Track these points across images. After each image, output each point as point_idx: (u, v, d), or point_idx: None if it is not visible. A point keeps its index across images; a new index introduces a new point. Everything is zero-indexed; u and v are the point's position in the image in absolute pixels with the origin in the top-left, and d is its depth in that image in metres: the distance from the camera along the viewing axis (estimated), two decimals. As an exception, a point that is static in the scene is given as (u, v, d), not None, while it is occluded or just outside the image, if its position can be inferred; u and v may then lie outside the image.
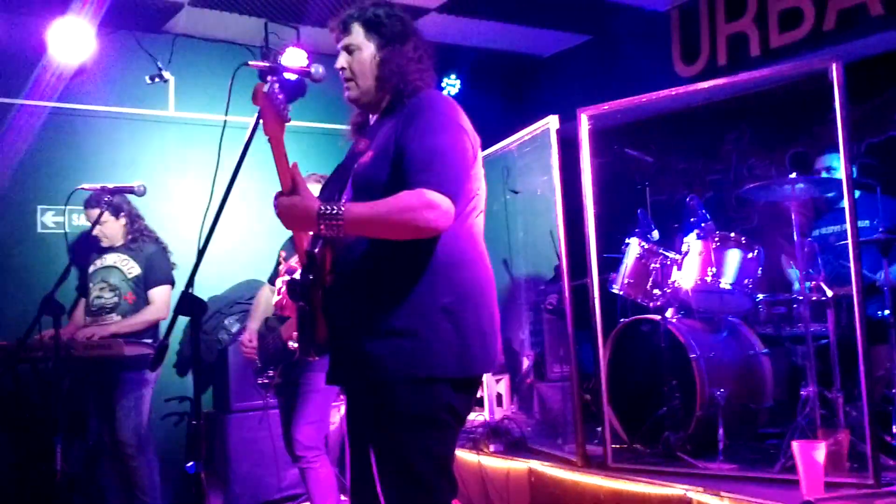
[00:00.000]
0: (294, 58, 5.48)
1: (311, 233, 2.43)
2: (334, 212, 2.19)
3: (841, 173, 3.63)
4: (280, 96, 2.26)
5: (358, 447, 2.52)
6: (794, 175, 3.95)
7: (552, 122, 4.51)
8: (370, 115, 2.59)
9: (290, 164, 2.28)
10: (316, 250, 2.38)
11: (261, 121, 2.27)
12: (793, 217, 3.95)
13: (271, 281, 4.38)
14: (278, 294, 4.20)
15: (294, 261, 4.01)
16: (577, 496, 4.21)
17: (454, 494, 2.39)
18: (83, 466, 5.00)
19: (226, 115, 2.36)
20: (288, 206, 2.25)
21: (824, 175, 4.59)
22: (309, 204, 2.22)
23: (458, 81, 6.55)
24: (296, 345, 3.93)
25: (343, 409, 5.21)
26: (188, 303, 2.26)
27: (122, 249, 4.63)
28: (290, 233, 2.53)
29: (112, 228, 4.60)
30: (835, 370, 3.76)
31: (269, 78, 2.30)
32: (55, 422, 3.69)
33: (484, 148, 2.55)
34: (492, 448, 4.90)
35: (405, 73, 2.45)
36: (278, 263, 4.33)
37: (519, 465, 4.61)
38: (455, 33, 6.21)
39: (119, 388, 4.40)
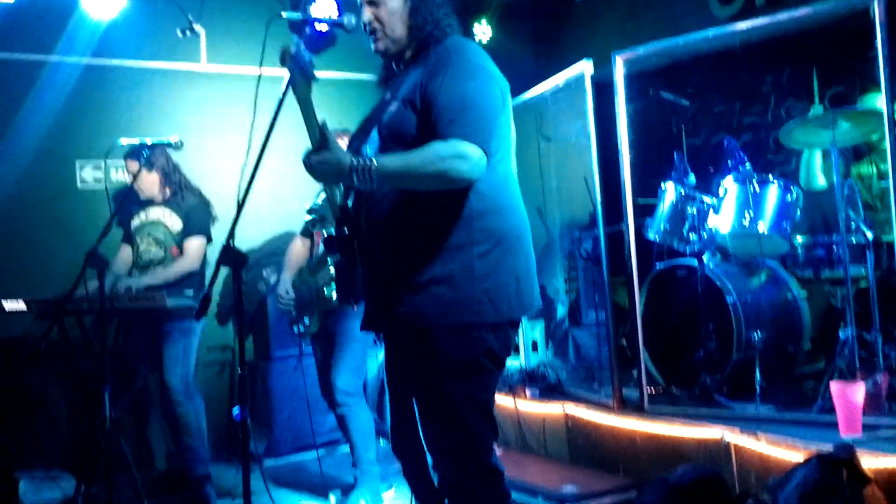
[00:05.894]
0: (324, 7, 5.44)
1: (344, 185, 2.45)
2: (366, 166, 2.19)
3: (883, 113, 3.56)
4: (306, 56, 2.27)
5: (397, 393, 2.56)
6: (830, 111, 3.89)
7: (586, 67, 4.45)
8: (395, 66, 2.58)
9: (319, 120, 2.28)
10: (349, 203, 2.40)
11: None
12: (832, 157, 3.89)
13: (303, 233, 4.44)
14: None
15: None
16: (613, 439, 4.26)
17: (496, 437, 2.43)
18: (131, 414, 5.16)
19: (260, 66, 2.36)
20: (319, 161, 2.24)
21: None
22: (340, 159, 2.21)
23: (490, 27, 6.46)
24: (331, 293, 3.99)
25: (381, 355, 5.31)
26: (229, 255, 2.30)
27: (166, 204, 4.69)
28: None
29: (146, 182, 4.64)
30: (874, 311, 3.74)
31: (294, 39, 2.31)
32: (102, 372, 3.80)
33: (516, 94, 2.54)
34: (528, 393, 4.96)
35: (438, 20, 2.44)
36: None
37: (555, 410, 4.67)
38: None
39: (166, 338, 4.51)
